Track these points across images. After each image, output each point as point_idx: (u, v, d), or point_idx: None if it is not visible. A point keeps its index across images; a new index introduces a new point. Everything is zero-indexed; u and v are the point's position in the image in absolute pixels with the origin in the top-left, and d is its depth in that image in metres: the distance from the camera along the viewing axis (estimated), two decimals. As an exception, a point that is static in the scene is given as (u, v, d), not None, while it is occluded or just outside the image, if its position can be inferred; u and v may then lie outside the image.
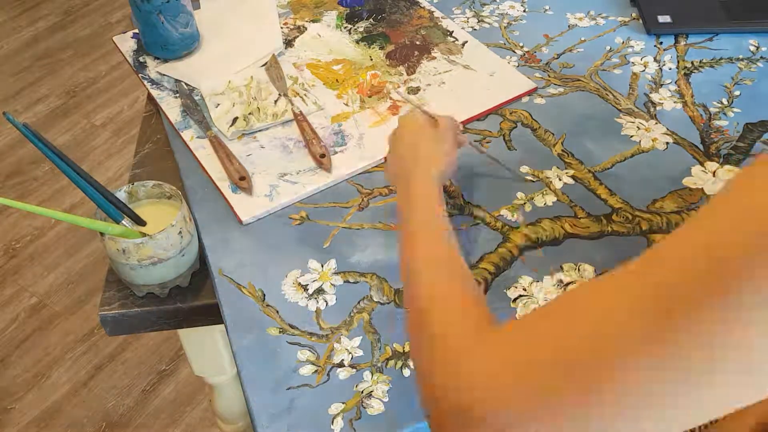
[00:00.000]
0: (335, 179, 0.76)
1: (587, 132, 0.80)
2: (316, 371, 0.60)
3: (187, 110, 0.84)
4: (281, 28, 0.97)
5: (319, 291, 0.66)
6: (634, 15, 0.97)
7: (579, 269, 0.66)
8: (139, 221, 0.66)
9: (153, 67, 0.91)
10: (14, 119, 0.60)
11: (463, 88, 0.86)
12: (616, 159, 0.76)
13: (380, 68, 0.90)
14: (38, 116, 2.04)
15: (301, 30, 0.97)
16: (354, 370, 0.60)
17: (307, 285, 0.66)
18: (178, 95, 0.87)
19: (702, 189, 0.73)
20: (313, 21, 0.99)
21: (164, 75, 0.90)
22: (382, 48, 0.93)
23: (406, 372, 0.59)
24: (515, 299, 0.64)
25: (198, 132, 0.82)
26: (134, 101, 2.07)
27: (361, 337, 0.62)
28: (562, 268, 0.66)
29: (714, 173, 0.74)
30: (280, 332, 0.62)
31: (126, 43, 0.96)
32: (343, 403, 0.57)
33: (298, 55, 0.93)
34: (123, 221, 0.65)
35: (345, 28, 0.97)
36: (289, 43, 0.95)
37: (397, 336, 0.62)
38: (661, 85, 0.85)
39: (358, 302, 0.65)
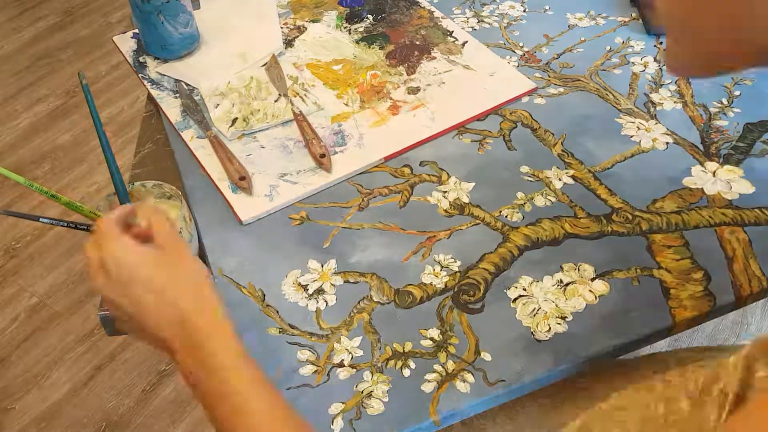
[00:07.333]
0: (335, 179, 0.76)
1: (587, 132, 0.80)
2: (316, 371, 0.60)
3: (187, 110, 0.84)
4: (281, 28, 0.97)
5: (319, 291, 0.66)
6: (634, 15, 0.97)
7: (579, 269, 0.66)
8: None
9: (153, 67, 0.91)
10: (83, 77, 0.62)
11: (463, 88, 0.86)
12: (616, 159, 0.76)
13: (380, 68, 0.90)
14: (38, 116, 2.04)
15: (301, 30, 0.97)
16: (354, 370, 0.60)
17: (307, 285, 0.66)
18: (178, 95, 0.87)
19: (702, 189, 0.73)
20: (313, 21, 0.99)
21: (164, 75, 0.90)
22: (382, 48, 0.93)
23: (406, 372, 0.59)
24: (515, 299, 0.64)
25: (198, 132, 0.82)
26: (134, 101, 2.07)
27: (361, 337, 0.62)
28: (562, 268, 0.66)
29: (714, 173, 0.74)
30: (280, 332, 0.62)
31: (126, 43, 0.96)
32: (343, 403, 0.57)
33: (298, 55, 0.93)
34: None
35: (345, 28, 0.97)
36: (289, 43, 0.95)
37: (397, 336, 0.62)
38: (661, 85, 0.85)
39: (358, 302, 0.65)
